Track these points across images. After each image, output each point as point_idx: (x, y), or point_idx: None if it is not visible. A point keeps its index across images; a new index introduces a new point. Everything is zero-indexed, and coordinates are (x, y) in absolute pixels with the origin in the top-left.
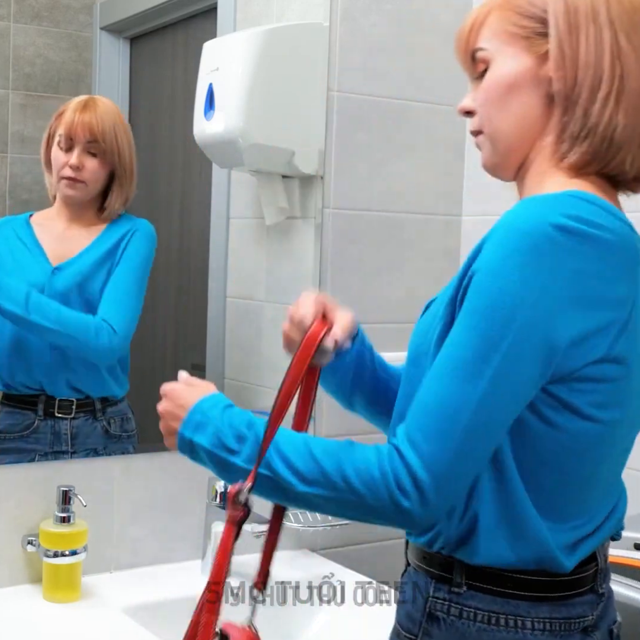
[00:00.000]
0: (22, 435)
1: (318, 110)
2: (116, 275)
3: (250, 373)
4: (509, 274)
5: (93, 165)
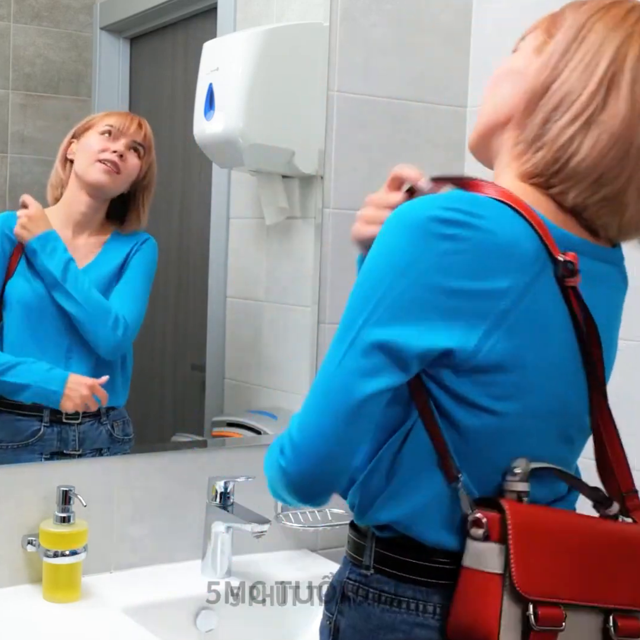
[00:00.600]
0: (27, 443)
1: (318, 110)
2: (125, 278)
3: (250, 373)
4: (381, 251)
5: (134, 161)
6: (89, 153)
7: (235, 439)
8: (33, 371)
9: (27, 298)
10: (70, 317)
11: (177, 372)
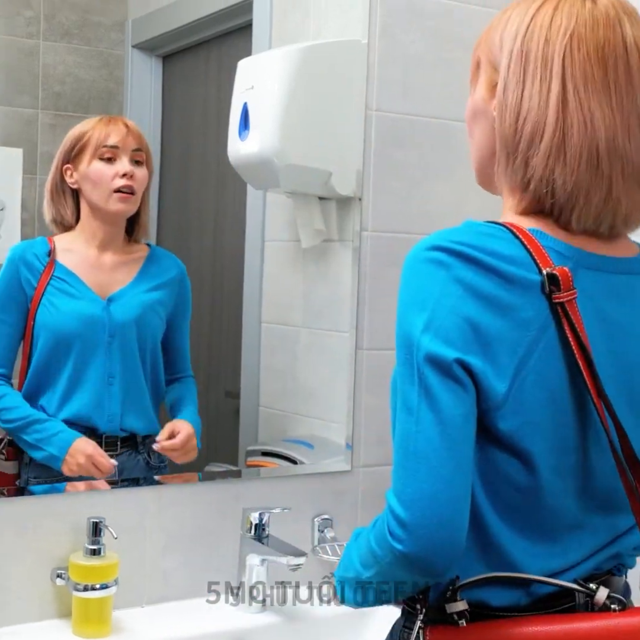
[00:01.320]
0: (66, 477)
1: (356, 129)
2: (183, 329)
3: (286, 400)
4: (399, 300)
5: (142, 173)
6: (101, 184)
7: (270, 468)
8: (42, 431)
9: (61, 324)
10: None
11: (210, 398)
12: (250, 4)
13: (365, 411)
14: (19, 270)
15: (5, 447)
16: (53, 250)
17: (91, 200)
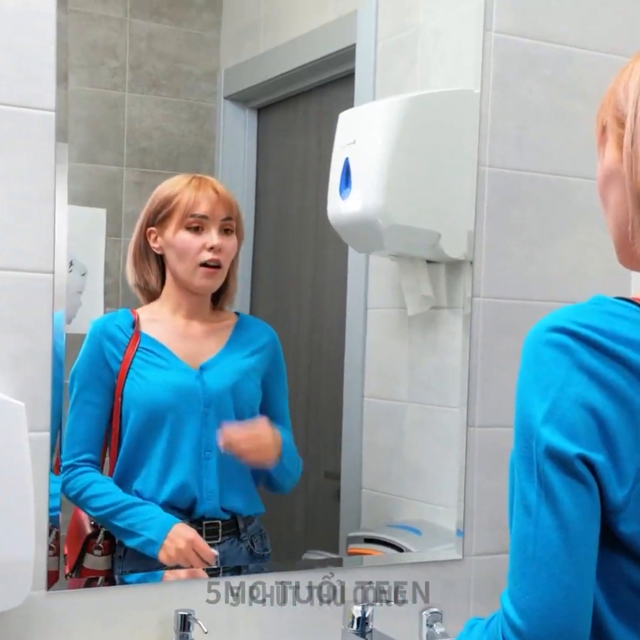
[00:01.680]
0: (157, 567)
1: (467, 187)
2: (279, 397)
3: (391, 482)
4: (519, 385)
5: (231, 243)
6: (187, 256)
7: (374, 557)
8: (137, 515)
9: (153, 398)
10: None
11: (308, 480)
12: (352, 51)
13: (478, 494)
14: (102, 345)
15: (102, 541)
16: (137, 321)
17: (175, 271)
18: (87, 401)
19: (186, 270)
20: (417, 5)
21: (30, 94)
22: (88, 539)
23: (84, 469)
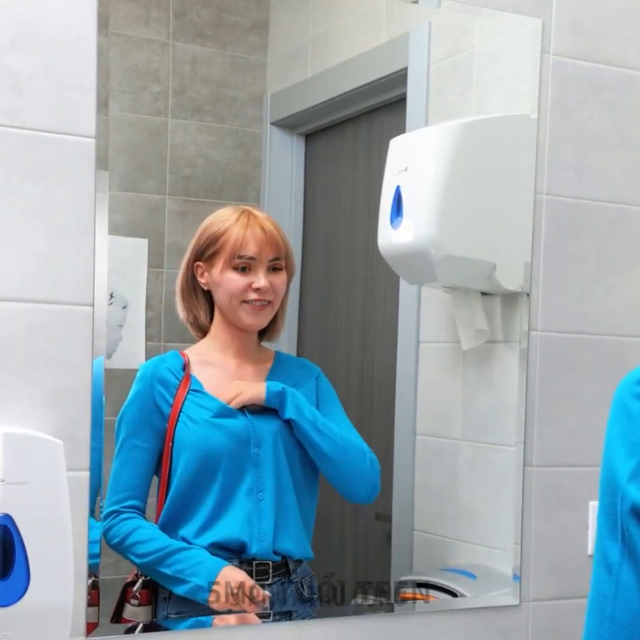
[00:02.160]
0: (205, 612)
1: (523, 216)
2: (337, 418)
3: (444, 524)
4: (606, 439)
5: (279, 280)
6: (232, 295)
7: (427, 602)
8: (184, 561)
9: (206, 441)
10: (324, 467)
11: (358, 522)
12: (404, 75)
13: (535, 537)
14: (153, 388)
15: (139, 590)
16: (187, 364)
17: (222, 308)
18: (135, 446)
19: (232, 307)
20: (472, 27)
21: (69, 120)
22: (126, 587)
23: (128, 515)
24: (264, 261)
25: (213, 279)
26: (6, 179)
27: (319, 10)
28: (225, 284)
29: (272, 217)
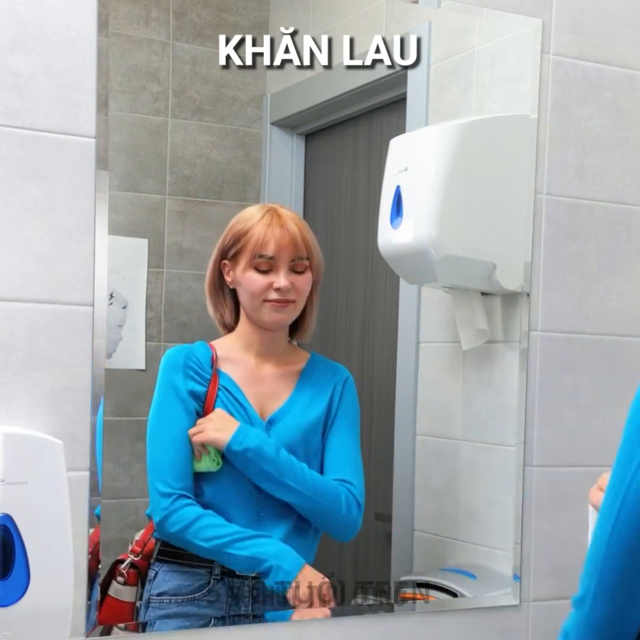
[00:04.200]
0: (193, 597)
1: (523, 216)
2: (337, 435)
3: (444, 524)
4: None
5: (302, 282)
6: (252, 294)
7: (427, 602)
8: (267, 545)
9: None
10: (294, 506)
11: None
12: (404, 75)
13: (536, 537)
14: (185, 380)
15: (127, 568)
16: (215, 359)
17: (245, 307)
18: (174, 426)
19: (254, 306)
20: (472, 27)
21: (69, 120)
22: (115, 564)
23: (189, 500)
24: (285, 261)
25: (237, 278)
26: (6, 179)
27: (319, 10)
28: (247, 284)
29: (298, 216)
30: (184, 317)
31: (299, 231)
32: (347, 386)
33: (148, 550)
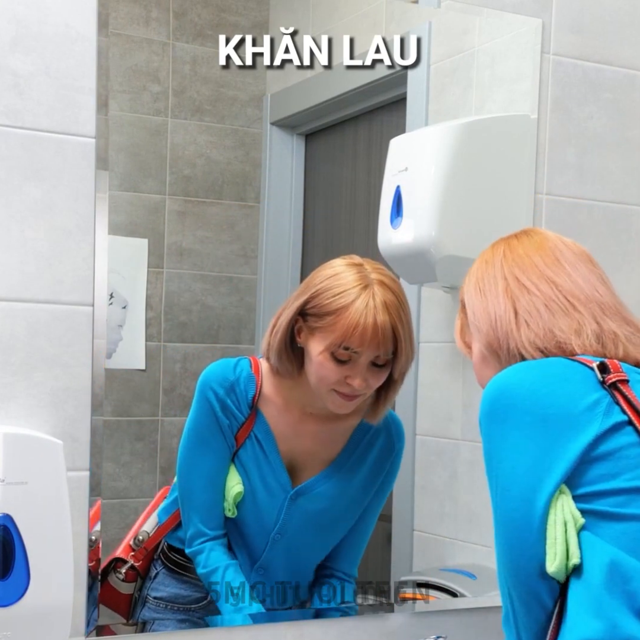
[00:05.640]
0: (189, 608)
1: (523, 216)
2: (373, 514)
3: (444, 524)
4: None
5: (378, 377)
6: (321, 380)
7: (427, 602)
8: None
9: (252, 499)
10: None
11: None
12: (404, 75)
13: None
14: (221, 413)
15: (127, 570)
16: (257, 397)
17: (310, 380)
18: (205, 455)
19: (320, 391)
20: (472, 28)
21: (69, 120)
22: (116, 561)
23: (215, 544)
24: (368, 357)
25: (309, 350)
26: (6, 179)
27: (319, 10)
28: (319, 368)
29: (395, 294)
30: (184, 317)
31: (391, 324)
32: (399, 456)
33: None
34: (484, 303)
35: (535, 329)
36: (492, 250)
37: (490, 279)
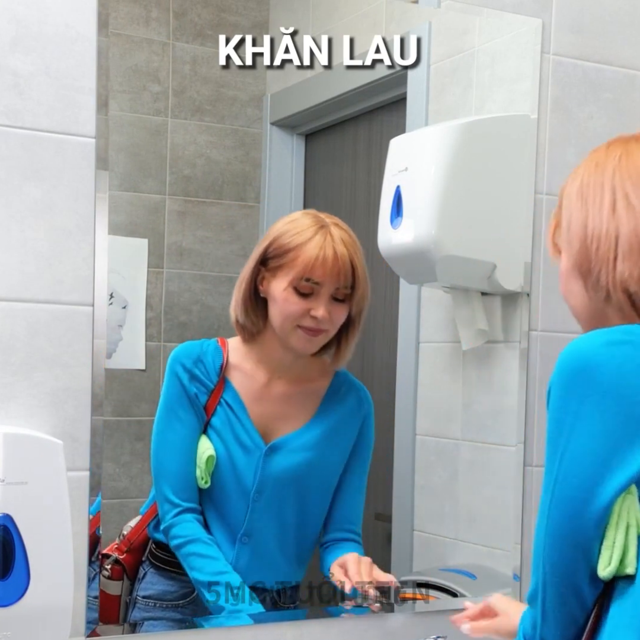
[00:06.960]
0: (177, 604)
1: (523, 216)
2: (358, 474)
3: (444, 524)
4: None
5: (339, 311)
6: (286, 316)
7: (427, 602)
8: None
9: (220, 463)
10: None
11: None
12: (404, 76)
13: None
14: (189, 384)
15: (111, 564)
16: (225, 366)
17: (274, 323)
18: (178, 432)
19: (285, 329)
20: (472, 28)
21: (69, 120)
22: (103, 557)
23: (190, 515)
24: (329, 288)
25: (272, 292)
26: (6, 179)
27: (319, 10)
28: (283, 304)
29: (351, 236)
30: (184, 317)
31: (349, 258)
32: (369, 418)
33: (137, 545)
34: (583, 213)
35: (629, 267)
36: (606, 152)
37: (597, 187)
